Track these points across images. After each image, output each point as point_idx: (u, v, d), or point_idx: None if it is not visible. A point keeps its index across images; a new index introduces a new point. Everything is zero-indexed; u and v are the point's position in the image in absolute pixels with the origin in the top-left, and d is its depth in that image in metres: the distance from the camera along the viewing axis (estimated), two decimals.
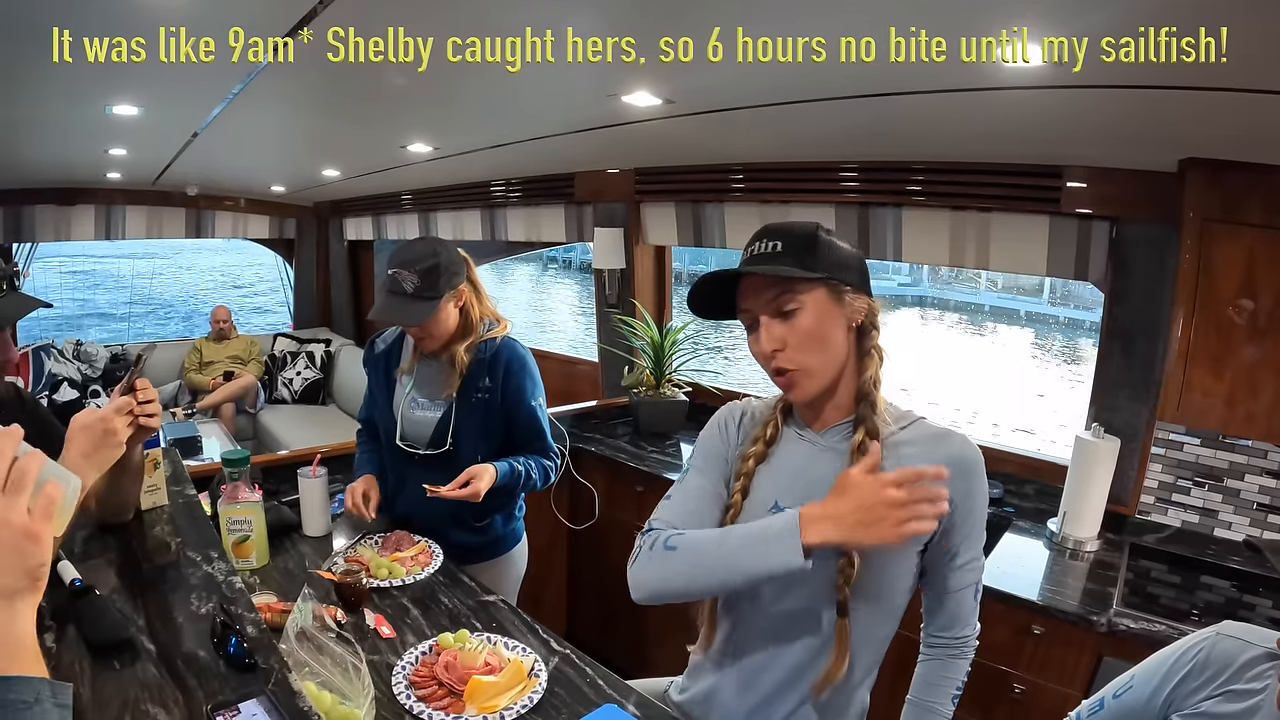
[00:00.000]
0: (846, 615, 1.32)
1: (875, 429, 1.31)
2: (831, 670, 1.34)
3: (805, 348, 1.27)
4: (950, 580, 1.37)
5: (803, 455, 1.39)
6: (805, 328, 1.26)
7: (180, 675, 1.25)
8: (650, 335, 3.81)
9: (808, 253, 1.26)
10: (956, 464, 1.28)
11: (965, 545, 1.34)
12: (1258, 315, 2.14)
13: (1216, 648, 1.29)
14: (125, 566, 1.62)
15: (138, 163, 5.01)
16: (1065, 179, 2.60)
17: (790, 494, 1.36)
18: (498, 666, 1.58)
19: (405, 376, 2.28)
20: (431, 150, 3.89)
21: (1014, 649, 2.26)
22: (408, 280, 2.04)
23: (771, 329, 1.28)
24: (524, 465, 2.23)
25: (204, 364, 6.46)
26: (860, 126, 2.57)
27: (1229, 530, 2.53)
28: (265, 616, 1.69)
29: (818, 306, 1.27)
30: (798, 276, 1.25)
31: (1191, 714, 1.27)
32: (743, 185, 3.53)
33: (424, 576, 2.07)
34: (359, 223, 6.79)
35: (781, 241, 1.27)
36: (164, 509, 1.92)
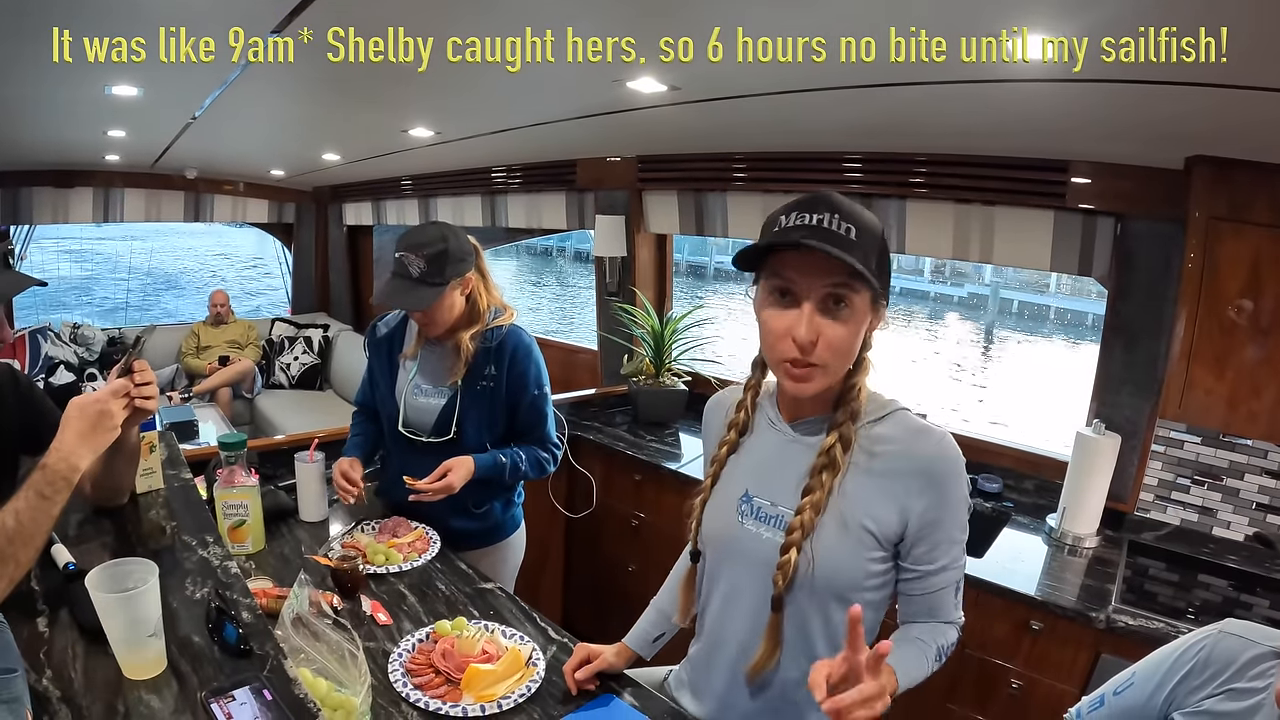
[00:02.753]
0: (780, 610, 1.30)
1: (848, 437, 1.28)
2: (762, 660, 1.33)
3: (837, 348, 1.20)
4: (927, 581, 1.32)
5: (772, 445, 1.38)
6: (844, 329, 1.20)
7: (174, 661, 1.24)
8: (650, 324, 3.80)
9: (873, 250, 1.18)
10: (929, 463, 1.26)
11: (943, 546, 1.30)
12: (1260, 314, 2.13)
13: (1219, 646, 1.27)
14: (120, 550, 1.60)
15: (137, 145, 4.98)
16: (1071, 174, 2.58)
17: (759, 484, 1.36)
18: (495, 655, 1.57)
19: (409, 361, 2.26)
20: (433, 135, 3.87)
21: (1012, 644, 2.26)
22: (414, 264, 2.02)
23: (814, 320, 1.18)
24: (510, 457, 2.22)
25: (201, 348, 6.44)
26: (864, 118, 2.56)
27: (1227, 530, 2.52)
28: (261, 602, 1.68)
29: (862, 311, 1.21)
30: (869, 280, 1.16)
31: (1193, 712, 1.26)
32: (745, 174, 3.51)
33: (421, 563, 2.05)
34: (358, 208, 6.75)
35: (855, 228, 1.16)
36: (159, 493, 1.90)
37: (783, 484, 1.33)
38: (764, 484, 1.35)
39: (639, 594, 1.58)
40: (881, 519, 1.27)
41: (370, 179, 6.21)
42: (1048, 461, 2.93)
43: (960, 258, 3.01)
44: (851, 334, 1.21)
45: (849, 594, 1.28)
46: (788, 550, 1.27)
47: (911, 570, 1.31)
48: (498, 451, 2.22)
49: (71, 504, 1.70)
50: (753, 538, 1.34)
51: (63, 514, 1.35)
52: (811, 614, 1.32)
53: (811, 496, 1.27)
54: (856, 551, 1.28)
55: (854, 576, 1.29)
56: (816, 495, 1.26)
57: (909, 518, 1.27)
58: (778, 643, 1.32)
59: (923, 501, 1.26)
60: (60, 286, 17.55)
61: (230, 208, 6.88)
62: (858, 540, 1.27)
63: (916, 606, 1.36)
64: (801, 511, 1.27)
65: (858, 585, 1.29)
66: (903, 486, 1.27)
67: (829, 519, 1.27)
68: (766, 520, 1.34)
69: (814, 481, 1.28)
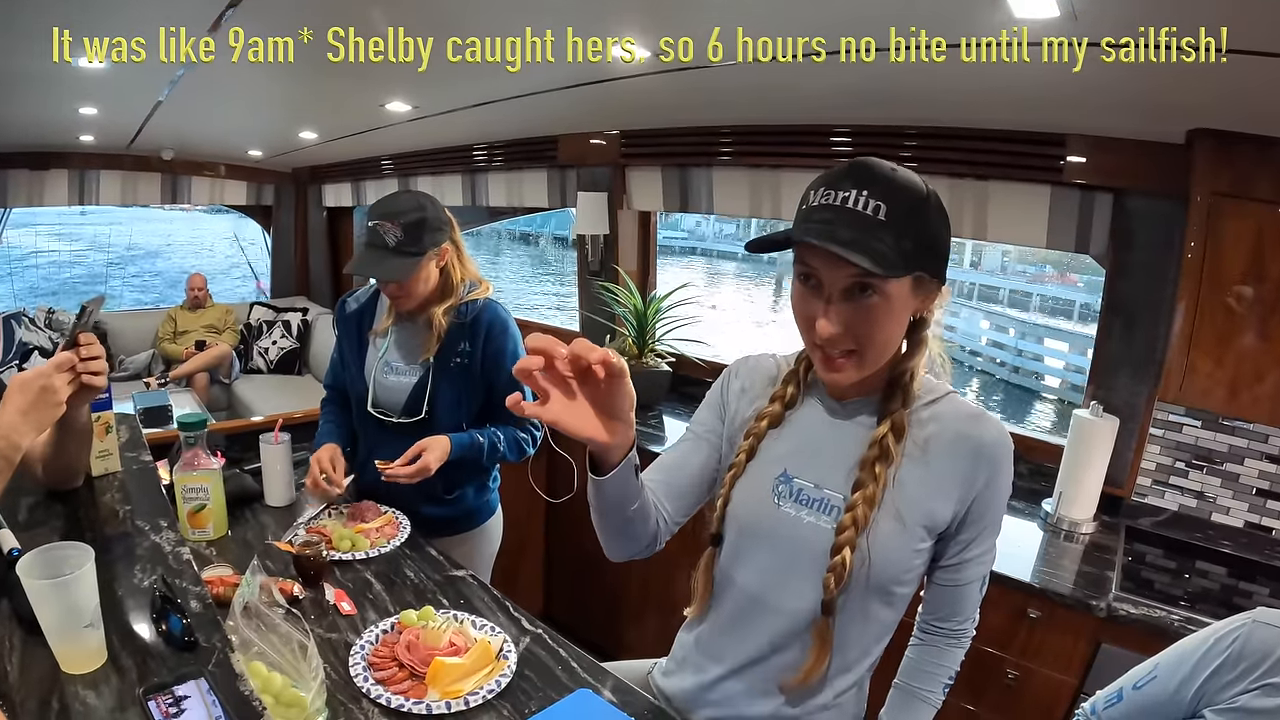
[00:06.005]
0: (832, 614, 1.22)
1: (901, 426, 1.20)
2: (811, 668, 1.25)
3: (869, 337, 1.11)
4: (960, 572, 1.27)
5: (820, 425, 1.28)
6: (876, 318, 1.09)
7: (115, 654, 1.16)
8: (633, 303, 3.73)
9: (910, 227, 1.05)
10: (986, 450, 1.19)
11: (983, 536, 1.24)
12: (1265, 295, 2.07)
13: (1253, 637, 1.19)
14: (69, 535, 1.51)
15: (111, 124, 4.90)
16: (1068, 147, 2.51)
17: (801, 464, 1.26)
18: (463, 647, 1.48)
19: (379, 338, 2.17)
20: (410, 109, 3.79)
21: (1008, 633, 2.20)
22: (390, 233, 1.94)
23: (839, 311, 1.09)
24: (488, 437, 2.12)
25: (178, 333, 6.32)
26: (857, 82, 2.45)
27: (1226, 515, 2.47)
28: (217, 591, 1.61)
29: (899, 297, 1.10)
30: (899, 274, 1.06)
31: (1226, 709, 1.18)
32: (731, 149, 3.43)
33: (389, 549, 1.96)
34: (338, 189, 6.66)
35: (886, 204, 1.03)
36: (116, 475, 1.83)
37: (829, 466, 1.24)
38: (806, 464, 1.26)
39: (622, 582, 1.50)
40: (938, 510, 1.20)
41: (349, 159, 6.12)
42: (1040, 444, 2.88)
43: (954, 235, 2.91)
44: (884, 322, 1.11)
45: (891, 588, 1.22)
46: (840, 550, 1.18)
47: (949, 560, 1.26)
48: (475, 431, 2.12)
49: (23, 487, 1.65)
50: (791, 522, 1.25)
51: (11, 497, 1.27)
52: (852, 614, 1.24)
53: (864, 490, 1.18)
54: (908, 545, 1.21)
55: (900, 570, 1.22)
56: (870, 489, 1.18)
57: (963, 504, 1.21)
58: (827, 648, 1.24)
59: (977, 487, 1.20)
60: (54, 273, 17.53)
61: (208, 190, 6.76)
62: (911, 532, 1.20)
63: (943, 601, 1.32)
64: (854, 508, 1.18)
65: (900, 579, 1.23)
66: (960, 473, 1.20)
67: (884, 514, 1.19)
68: (809, 504, 1.24)
69: (866, 475, 1.19)
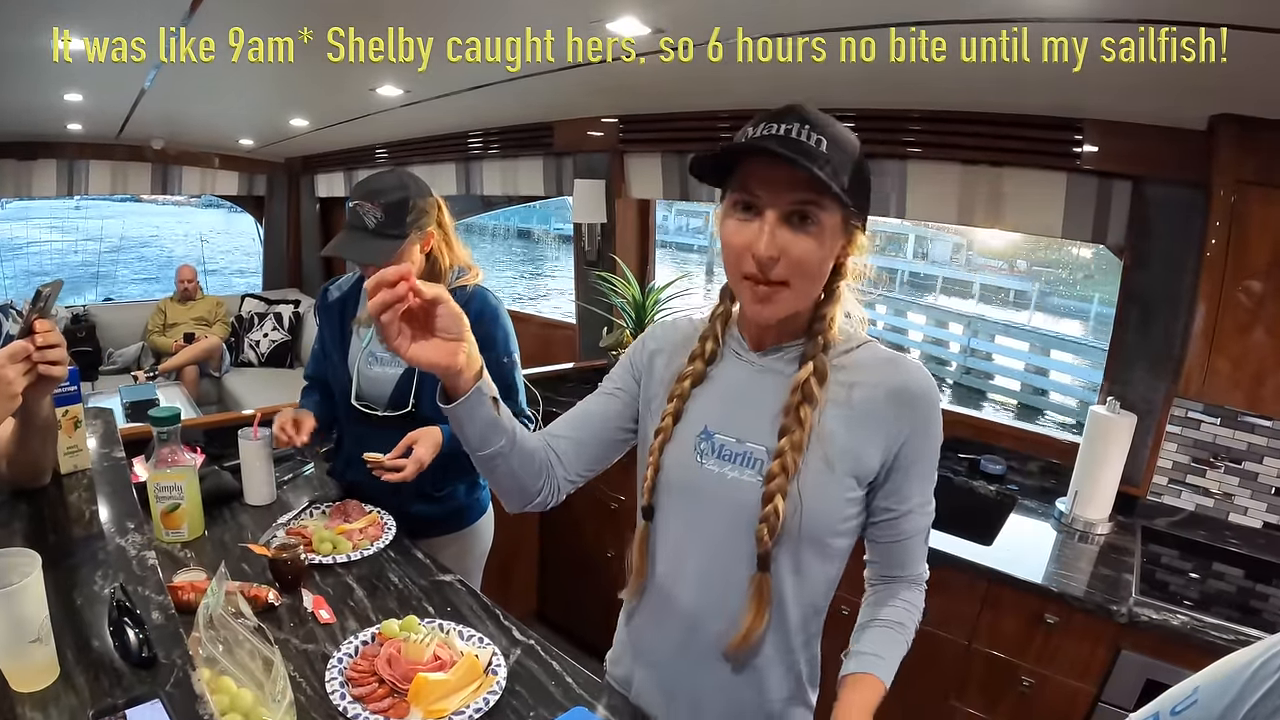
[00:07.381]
0: (768, 569, 1.17)
1: (823, 369, 1.16)
2: (750, 625, 1.19)
3: (802, 265, 1.08)
4: (899, 526, 1.22)
5: (740, 379, 1.23)
6: (811, 247, 1.08)
7: (69, 670, 1.05)
8: (631, 293, 3.63)
9: (845, 165, 1.07)
10: (909, 395, 1.17)
11: (918, 485, 1.21)
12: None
13: None
14: (32, 537, 1.42)
15: (99, 112, 4.84)
16: (1085, 133, 2.42)
17: (723, 419, 1.21)
18: (448, 662, 1.38)
19: (363, 328, 2.06)
20: (402, 94, 3.71)
21: (1023, 638, 2.12)
22: (370, 214, 1.84)
23: (779, 234, 1.07)
24: None
25: (168, 325, 6.23)
26: (861, 68, 2.37)
27: (1245, 515, 2.39)
28: (187, 598, 1.51)
29: (832, 230, 1.10)
30: (838, 195, 1.04)
31: None
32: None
33: (373, 551, 1.86)
34: (330, 179, 6.58)
35: (827, 140, 1.05)
36: (86, 473, 1.72)
37: (751, 418, 1.19)
38: (728, 418, 1.21)
39: (619, 582, 1.41)
40: (865, 456, 1.17)
41: (342, 148, 6.05)
42: (1050, 441, 2.81)
43: (965, 223, 2.83)
44: (819, 251, 1.09)
45: (826, 539, 1.19)
46: (771, 498, 1.13)
47: (886, 511, 1.22)
48: None
49: None
50: (715, 479, 1.20)
51: None
52: (788, 568, 1.19)
53: (790, 436, 1.14)
54: (839, 493, 1.17)
55: (834, 520, 1.18)
56: (796, 434, 1.14)
57: (890, 451, 1.17)
58: (765, 604, 1.18)
59: (904, 432, 1.17)
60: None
61: (199, 180, 6.70)
62: (840, 480, 1.16)
63: (887, 558, 1.28)
64: (782, 454, 1.13)
65: (835, 530, 1.20)
66: (884, 417, 1.16)
67: (811, 458, 1.15)
68: (731, 459, 1.19)
69: (790, 420, 1.15)
